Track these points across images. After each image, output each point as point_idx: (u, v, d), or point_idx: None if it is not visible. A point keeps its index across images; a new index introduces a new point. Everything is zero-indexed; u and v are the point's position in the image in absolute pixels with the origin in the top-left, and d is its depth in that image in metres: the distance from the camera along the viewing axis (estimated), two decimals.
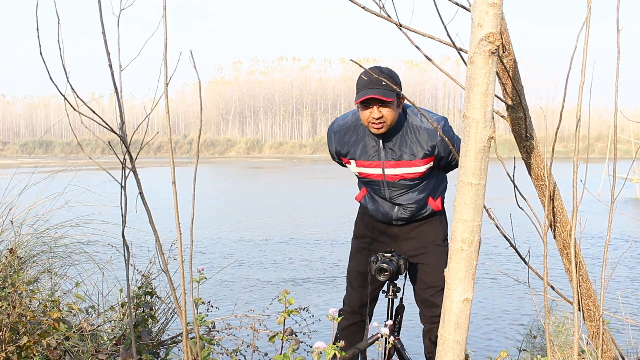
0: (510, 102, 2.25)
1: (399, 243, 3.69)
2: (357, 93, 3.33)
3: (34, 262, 4.38)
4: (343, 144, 3.57)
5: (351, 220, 3.91)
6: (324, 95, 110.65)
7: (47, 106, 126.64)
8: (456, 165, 3.17)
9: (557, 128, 2.18)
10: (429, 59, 2.22)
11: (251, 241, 14.03)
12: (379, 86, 3.22)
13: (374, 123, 3.33)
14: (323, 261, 11.58)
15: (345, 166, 3.72)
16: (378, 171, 3.51)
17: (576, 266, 2.48)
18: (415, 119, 3.45)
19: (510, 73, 2.17)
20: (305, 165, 61.43)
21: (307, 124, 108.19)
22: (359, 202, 3.81)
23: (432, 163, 3.48)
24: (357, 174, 3.63)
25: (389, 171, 3.49)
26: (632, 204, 21.55)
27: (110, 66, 1.83)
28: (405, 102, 3.42)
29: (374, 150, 3.48)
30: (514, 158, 2.41)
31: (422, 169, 3.46)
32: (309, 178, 39.66)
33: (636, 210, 19.23)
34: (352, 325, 3.73)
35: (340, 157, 3.66)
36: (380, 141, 3.44)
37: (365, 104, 3.30)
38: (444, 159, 3.50)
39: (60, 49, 1.76)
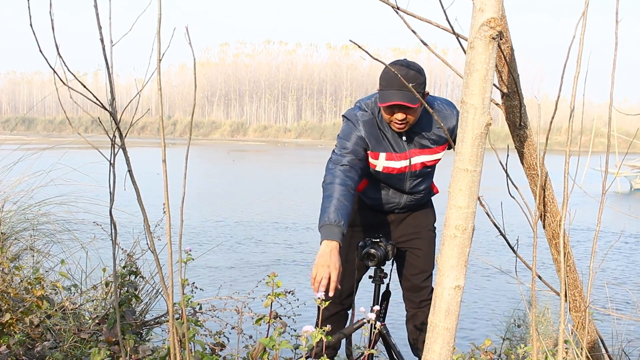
0: (505, 90, 2.24)
1: (391, 229, 3.67)
2: (380, 90, 3.16)
3: (15, 239, 4.33)
4: (373, 135, 3.34)
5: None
6: (310, 80, 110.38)
7: (30, 83, 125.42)
8: None
9: (552, 118, 2.17)
10: (425, 44, 2.20)
11: (235, 224, 14.01)
12: (405, 89, 3.05)
13: (397, 124, 3.21)
14: (307, 245, 11.58)
15: (352, 158, 3.33)
16: (405, 163, 3.39)
17: (564, 256, 2.48)
18: (433, 105, 3.36)
19: (507, 60, 2.15)
20: (290, 149, 61.33)
21: (292, 109, 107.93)
22: (359, 192, 3.68)
23: (446, 149, 3.44)
24: (381, 169, 3.42)
25: (414, 160, 3.40)
26: (613, 198, 21.78)
27: (102, 40, 1.79)
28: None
29: (399, 141, 3.36)
30: (507, 146, 2.40)
31: (440, 155, 3.43)
32: (295, 162, 39.61)
33: (618, 204, 19.41)
34: (334, 316, 3.70)
35: (366, 151, 3.36)
36: (404, 133, 3.33)
37: (390, 107, 3.18)
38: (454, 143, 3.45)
39: (51, 20, 1.71)
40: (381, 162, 3.41)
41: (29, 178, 4.75)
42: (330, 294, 2.82)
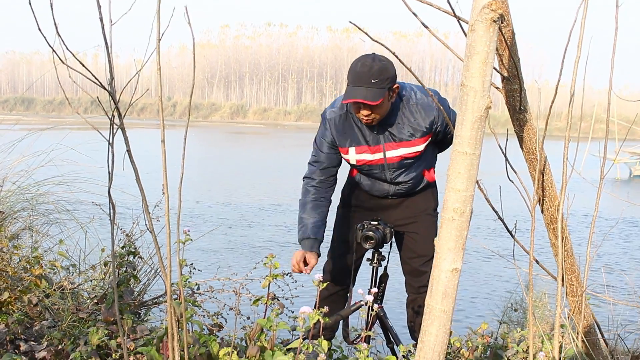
0: (506, 74, 2.23)
1: (389, 212, 3.67)
2: (347, 86, 3.18)
3: (14, 218, 4.34)
4: (340, 132, 3.41)
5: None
6: (311, 62, 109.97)
7: (29, 62, 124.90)
8: (451, 142, 3.12)
9: (552, 102, 2.16)
10: (425, 26, 2.19)
11: (233, 206, 14.02)
12: (367, 85, 3.07)
13: (364, 118, 3.23)
14: None
15: (336, 157, 3.54)
16: (379, 156, 3.42)
17: (562, 241, 2.49)
18: (412, 97, 3.34)
19: (508, 44, 2.14)
20: (290, 132, 61.26)
21: (292, 92, 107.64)
22: (353, 177, 3.72)
23: (430, 140, 3.43)
24: (355, 162, 3.49)
25: (390, 153, 3.40)
26: (612, 184, 21.78)
27: (101, 19, 1.78)
28: (400, 80, 3.31)
29: (373, 135, 3.37)
30: (507, 131, 2.40)
31: (421, 147, 3.40)
32: (294, 145, 39.58)
33: (617, 190, 19.43)
34: (332, 296, 3.72)
35: (337, 147, 3.47)
36: (376, 126, 3.35)
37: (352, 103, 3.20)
38: (441, 134, 3.44)
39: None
40: (352, 156, 3.45)
41: (28, 158, 4.74)
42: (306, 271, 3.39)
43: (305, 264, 3.41)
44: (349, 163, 3.58)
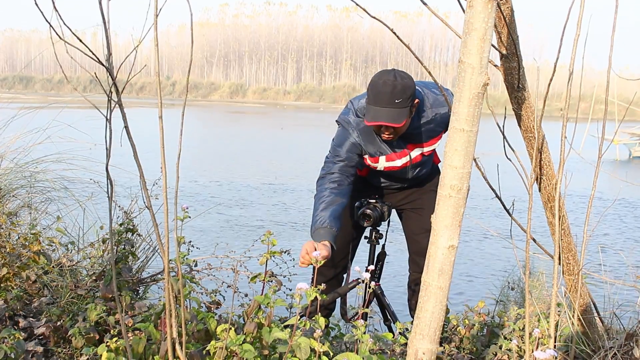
0: (504, 52, 2.22)
1: (393, 194, 3.70)
2: (367, 104, 3.11)
3: (13, 196, 4.34)
4: (367, 140, 3.32)
5: None
6: (310, 42, 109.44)
7: (28, 41, 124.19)
8: None
9: (551, 80, 2.16)
10: (425, 4, 2.18)
11: (230, 185, 14.02)
12: (390, 105, 3.02)
13: (385, 135, 3.22)
14: (302, 207, 11.61)
15: (359, 159, 3.43)
16: (405, 159, 3.42)
17: (559, 220, 2.50)
18: (426, 102, 3.29)
19: (506, 21, 2.13)
20: (289, 112, 61.14)
21: (291, 71, 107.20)
22: (364, 176, 3.67)
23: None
24: (382, 169, 3.45)
25: (414, 153, 3.42)
26: (611, 165, 21.80)
27: None
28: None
29: (396, 142, 3.34)
30: (505, 109, 2.39)
31: (438, 143, 3.46)
32: (293, 125, 39.53)
33: (616, 171, 19.44)
34: (332, 280, 3.72)
35: (361, 156, 3.38)
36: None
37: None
38: None
39: None
40: (382, 164, 3.43)
41: (25, 135, 4.73)
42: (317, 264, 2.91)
43: None
44: (370, 167, 3.50)
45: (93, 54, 1.84)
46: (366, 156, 3.39)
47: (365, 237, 3.69)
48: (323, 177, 3.32)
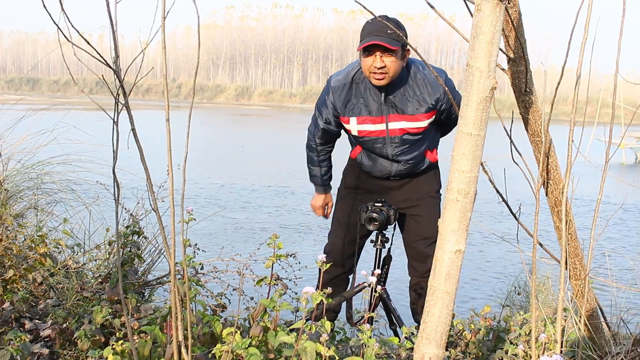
0: (512, 55, 2.22)
1: (392, 194, 3.67)
2: (360, 41, 3.24)
3: (20, 197, 4.34)
4: (342, 101, 3.44)
5: (337, 170, 3.87)
6: (316, 45, 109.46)
7: (34, 42, 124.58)
8: (455, 122, 3.14)
9: (558, 84, 2.15)
10: (432, 6, 2.17)
11: (235, 188, 14.02)
12: (384, 34, 3.13)
13: (375, 73, 3.23)
14: (309, 210, 11.60)
15: (336, 129, 3.63)
16: (381, 127, 3.42)
17: (566, 224, 2.48)
18: (419, 72, 3.36)
19: (514, 24, 2.13)
20: (294, 114, 61.15)
21: (297, 74, 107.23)
22: (354, 158, 3.73)
23: (434, 117, 3.42)
24: (357, 133, 3.50)
25: (392, 125, 3.41)
26: (618, 169, 21.73)
27: None
28: (409, 56, 3.36)
29: (377, 105, 3.39)
30: (512, 112, 2.39)
31: (424, 123, 3.40)
32: (299, 128, 39.53)
33: (622, 175, 19.38)
34: (335, 279, 3.72)
35: (337, 117, 3.52)
36: (383, 95, 3.36)
37: (368, 51, 3.21)
38: (445, 112, 3.44)
39: None
40: (354, 126, 3.48)
41: (32, 137, 4.74)
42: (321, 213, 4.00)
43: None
44: (350, 135, 3.60)
45: (101, 56, 1.84)
46: (340, 117, 3.53)
47: (372, 241, 3.68)
48: (308, 143, 3.80)
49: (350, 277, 3.75)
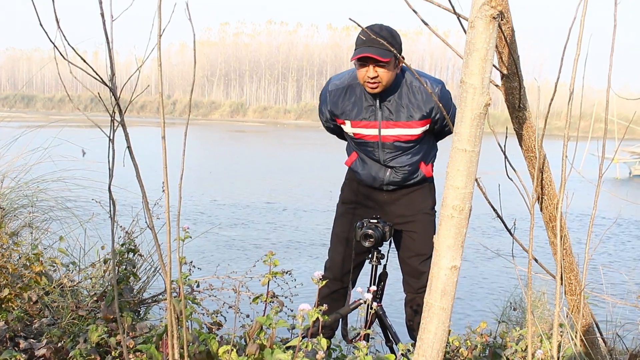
0: (505, 71, 2.23)
1: (386, 209, 3.68)
2: (354, 50, 3.29)
3: (14, 215, 4.33)
4: (338, 104, 3.51)
5: (335, 186, 3.89)
6: (310, 61, 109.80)
7: (29, 59, 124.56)
8: (449, 132, 3.16)
9: (551, 99, 2.16)
10: (425, 23, 2.19)
11: (230, 205, 14.01)
12: (376, 45, 3.17)
13: (369, 82, 3.29)
14: (304, 227, 11.60)
15: (333, 128, 3.70)
16: (374, 132, 3.47)
17: (561, 239, 2.49)
18: (415, 80, 3.40)
19: (507, 41, 2.14)
20: (289, 131, 61.19)
21: (292, 90, 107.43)
22: (349, 166, 3.76)
23: (428, 126, 3.45)
24: (352, 135, 3.58)
25: (385, 132, 3.45)
26: (612, 183, 21.79)
27: (102, 15, 1.78)
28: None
29: (371, 110, 3.43)
30: (506, 128, 2.40)
31: (418, 131, 3.44)
32: (293, 144, 39.58)
33: (616, 190, 19.43)
34: (334, 293, 3.72)
35: (334, 118, 3.60)
36: (377, 101, 3.40)
37: (362, 62, 3.27)
38: (439, 122, 3.47)
39: None
40: (348, 129, 3.56)
41: (27, 154, 4.74)
42: None
43: None
44: (347, 136, 3.68)
45: (97, 73, 1.84)
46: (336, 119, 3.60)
47: (367, 258, 3.68)
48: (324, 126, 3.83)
49: (348, 292, 3.75)
